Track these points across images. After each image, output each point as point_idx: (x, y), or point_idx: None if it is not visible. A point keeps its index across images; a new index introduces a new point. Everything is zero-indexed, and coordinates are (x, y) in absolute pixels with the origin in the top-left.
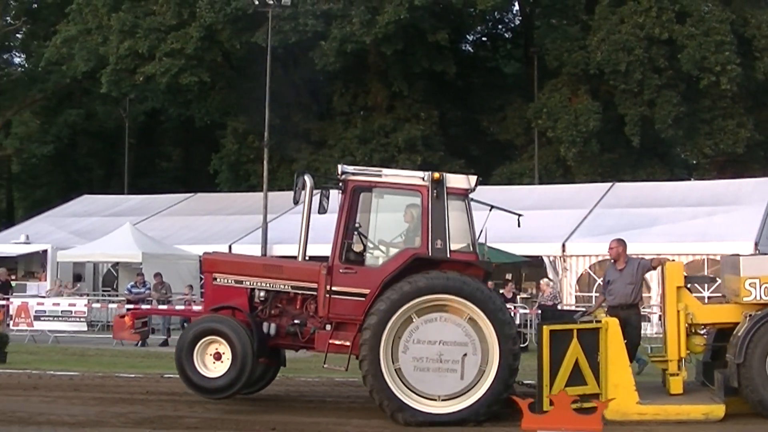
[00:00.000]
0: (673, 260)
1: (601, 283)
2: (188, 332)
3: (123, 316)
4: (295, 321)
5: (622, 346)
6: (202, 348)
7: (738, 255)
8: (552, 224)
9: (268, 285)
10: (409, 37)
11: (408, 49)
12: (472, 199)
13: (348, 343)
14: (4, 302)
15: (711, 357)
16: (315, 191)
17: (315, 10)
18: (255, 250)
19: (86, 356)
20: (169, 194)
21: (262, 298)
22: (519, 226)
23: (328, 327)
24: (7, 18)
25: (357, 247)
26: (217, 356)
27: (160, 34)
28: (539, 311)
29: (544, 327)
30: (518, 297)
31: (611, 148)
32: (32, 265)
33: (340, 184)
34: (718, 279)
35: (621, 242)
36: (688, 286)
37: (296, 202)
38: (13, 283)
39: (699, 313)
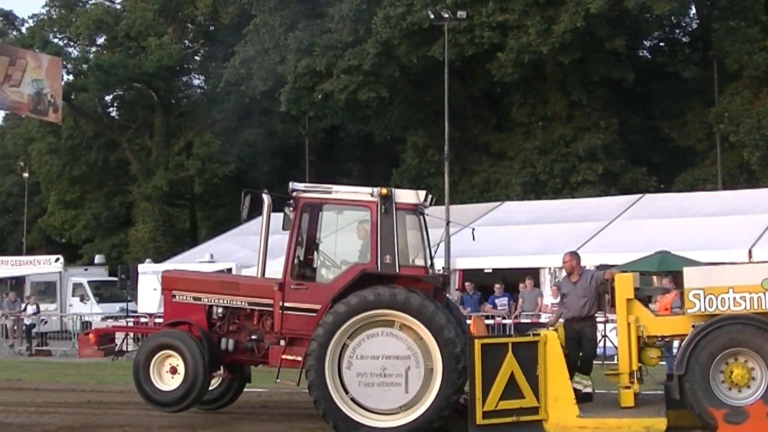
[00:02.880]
0: (625, 272)
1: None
2: (144, 347)
3: (87, 334)
4: (252, 336)
5: (562, 360)
6: (159, 362)
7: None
8: (737, 230)
9: (225, 302)
10: (586, 45)
11: (585, 57)
12: (427, 215)
13: (300, 359)
14: None
15: None
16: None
17: (491, 21)
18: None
19: (273, 373)
20: None
21: (220, 315)
22: (474, 239)
23: (282, 342)
24: (186, 41)
25: (314, 264)
26: (173, 370)
27: (337, 51)
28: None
29: (476, 341)
30: None
31: None
32: None
33: (291, 201)
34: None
35: (575, 255)
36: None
37: (244, 219)
38: None
39: (650, 325)
